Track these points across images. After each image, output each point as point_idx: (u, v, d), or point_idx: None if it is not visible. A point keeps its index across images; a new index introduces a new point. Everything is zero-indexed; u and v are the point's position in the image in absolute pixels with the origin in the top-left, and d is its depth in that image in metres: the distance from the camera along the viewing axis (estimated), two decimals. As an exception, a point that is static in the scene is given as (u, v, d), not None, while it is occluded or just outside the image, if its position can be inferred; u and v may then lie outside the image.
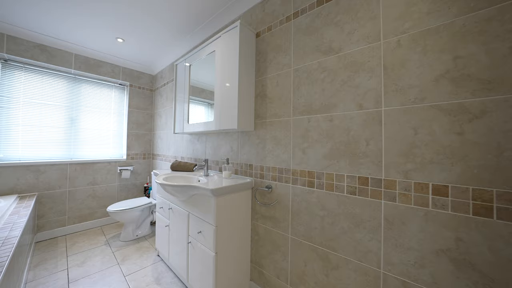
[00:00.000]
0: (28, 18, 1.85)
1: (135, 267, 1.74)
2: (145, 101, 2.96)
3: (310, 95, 1.17)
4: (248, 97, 1.43)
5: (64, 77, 2.33)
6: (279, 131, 1.32)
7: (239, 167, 1.57)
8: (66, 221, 2.31)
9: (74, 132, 2.39)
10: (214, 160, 1.81)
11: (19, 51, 2.04)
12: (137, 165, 2.89)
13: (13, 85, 2.06)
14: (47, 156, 2.22)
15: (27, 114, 2.12)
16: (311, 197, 1.14)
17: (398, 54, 0.88)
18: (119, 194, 2.71)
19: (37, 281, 1.56)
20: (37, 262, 1.80)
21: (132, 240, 2.21)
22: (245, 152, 1.53)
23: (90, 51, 2.40)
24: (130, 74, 2.80)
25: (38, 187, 2.15)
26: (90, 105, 2.51)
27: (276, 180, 1.32)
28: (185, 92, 1.91)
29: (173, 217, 1.60)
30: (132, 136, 2.84)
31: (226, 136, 1.70)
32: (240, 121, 1.34)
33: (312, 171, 1.14)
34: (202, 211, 1.29)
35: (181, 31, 2.02)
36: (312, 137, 1.15)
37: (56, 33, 2.07)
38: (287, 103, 1.28)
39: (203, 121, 1.67)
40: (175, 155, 2.44)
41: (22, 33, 2.03)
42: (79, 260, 1.83)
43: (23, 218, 1.50)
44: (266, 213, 1.37)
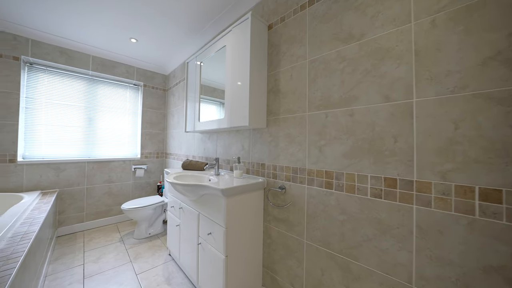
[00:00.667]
0: (49, 22, 1.92)
1: (147, 265, 1.74)
2: (158, 100, 3.00)
3: (327, 88, 1.07)
4: (260, 93, 1.35)
5: (82, 78, 2.41)
6: (293, 128, 1.23)
7: (251, 166, 1.50)
8: (84, 217, 2.39)
9: (92, 131, 2.47)
10: (225, 159, 1.76)
11: (41, 54, 2.13)
12: (151, 164, 2.93)
13: (37, 87, 2.16)
14: (67, 155, 2.31)
15: (48, 114, 2.21)
16: (329, 199, 1.04)
17: (433, 37, 0.76)
18: (133, 192, 2.77)
19: (56, 275, 1.60)
20: (57, 256, 1.86)
21: (145, 238, 2.23)
22: (257, 151, 1.46)
23: (106, 53, 2.46)
24: (144, 74, 2.84)
25: (59, 184, 2.24)
26: (106, 105, 2.58)
27: (290, 180, 1.23)
28: (196, 91, 1.88)
29: (183, 217, 1.57)
30: (146, 135, 2.88)
31: (237, 134, 1.64)
32: (251, 118, 1.28)
33: (330, 171, 1.04)
34: (213, 211, 1.24)
35: (192, 29, 2.00)
36: (330, 133, 1.05)
37: (74, 36, 2.14)
38: (302, 98, 1.19)
39: (214, 119, 1.63)
40: (186, 154, 2.43)
41: (44, 37, 2.12)
42: (94, 256, 1.86)
43: (42, 214, 1.54)
44: (279, 215, 1.29)
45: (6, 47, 1.98)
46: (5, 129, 1.97)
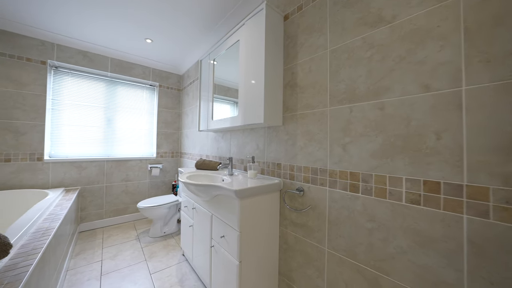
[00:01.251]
0: (73, 27, 2.00)
1: (161, 265, 1.73)
2: (173, 100, 3.03)
3: (352, 79, 0.96)
4: (276, 88, 1.27)
5: (102, 80, 2.50)
6: (312, 125, 1.13)
7: (266, 166, 1.42)
8: (103, 214, 2.47)
9: (110, 131, 2.55)
10: (239, 158, 1.70)
11: (65, 58, 2.24)
12: (166, 163, 2.97)
13: (61, 89, 2.27)
14: (87, 154, 2.40)
15: (71, 115, 2.32)
16: (355, 204, 0.93)
17: (490, 9, 0.62)
18: (149, 191, 2.82)
19: (76, 270, 1.65)
20: (78, 251, 1.93)
21: (160, 236, 2.24)
22: (273, 150, 1.37)
23: (123, 54, 2.52)
24: (159, 74, 2.89)
25: (80, 182, 2.33)
26: (124, 105, 2.65)
27: (309, 182, 1.13)
28: (209, 90, 1.84)
29: (196, 217, 1.53)
30: (161, 135, 2.92)
31: (252, 132, 1.57)
32: (266, 115, 1.19)
33: (355, 172, 0.93)
34: (226, 213, 1.18)
35: (206, 26, 1.96)
36: (356, 130, 0.93)
37: (94, 39, 2.22)
38: (322, 91, 1.08)
39: (227, 116, 1.57)
40: (200, 154, 2.41)
41: (68, 41, 2.22)
42: (112, 253, 1.90)
43: (63, 211, 1.59)
44: (297, 220, 1.19)
45: (34, 52, 2.09)
46: (34, 129, 2.09)
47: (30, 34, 2.06)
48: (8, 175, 1.99)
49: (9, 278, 0.83)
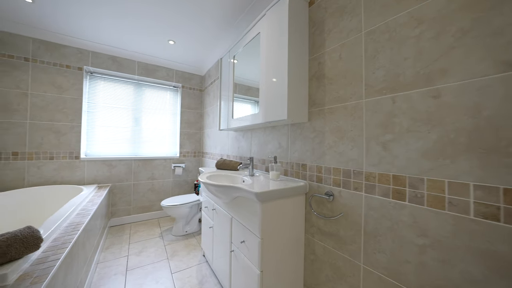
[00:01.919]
0: (105, 34, 2.13)
1: (182, 265, 1.72)
2: (195, 101, 3.08)
3: (395, 64, 0.80)
4: (300, 81, 1.15)
5: (130, 83, 2.63)
6: (343, 120, 0.98)
7: (289, 167, 1.31)
8: (131, 211, 2.59)
9: (137, 131, 2.67)
10: (260, 158, 1.61)
11: (98, 64, 2.40)
12: (188, 163, 3.02)
13: (95, 92, 2.44)
14: (117, 153, 2.55)
15: (103, 116, 2.48)
16: (400, 214, 0.77)
17: None
18: (173, 190, 2.89)
19: (105, 264, 1.73)
20: (108, 245, 2.03)
21: (181, 235, 2.27)
22: (297, 149, 1.25)
23: (148, 57, 2.63)
24: (182, 76, 2.95)
25: (111, 179, 2.48)
26: (149, 106, 2.76)
27: (340, 185, 0.99)
28: (229, 88, 1.78)
29: (216, 219, 1.48)
30: (184, 135, 2.98)
31: (274, 130, 1.47)
32: (290, 110, 1.08)
33: (400, 175, 0.77)
34: (246, 217, 1.10)
35: (226, 22, 1.92)
36: (401, 124, 0.77)
37: (123, 44, 2.34)
38: (355, 81, 0.94)
39: (248, 114, 1.49)
40: (221, 153, 2.39)
41: (100, 48, 2.37)
42: (137, 249, 1.96)
43: (94, 207, 1.68)
44: (326, 228, 1.06)
45: (73, 60, 2.28)
46: (73, 130, 2.28)
47: (70, 43, 2.24)
48: (52, 172, 2.19)
49: (39, 271, 0.85)
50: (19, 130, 2.06)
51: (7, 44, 2.03)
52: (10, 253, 0.84)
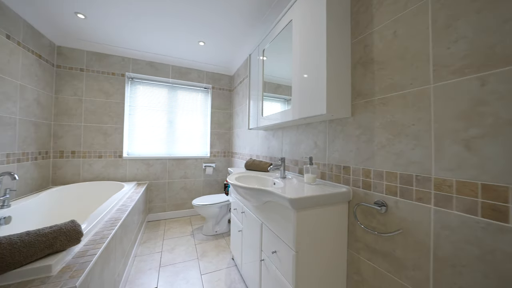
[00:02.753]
0: (144, 42, 2.28)
1: (211, 266, 1.69)
2: (225, 101, 3.09)
3: (484, 30, 0.58)
4: (341, 69, 0.98)
5: (165, 86, 2.77)
6: (401, 112, 0.79)
7: (328, 169, 1.14)
8: (166, 208, 2.72)
9: (171, 132, 2.80)
10: (293, 159, 1.47)
11: (137, 69, 2.59)
12: (219, 163, 3.04)
13: (135, 96, 2.64)
14: (154, 152, 2.70)
15: (142, 118, 2.66)
16: (497, 240, 0.55)
17: None
18: (204, 189, 2.94)
19: (141, 258, 1.81)
20: (145, 239, 2.15)
21: (211, 235, 2.27)
22: (337, 149, 1.08)
23: (181, 61, 2.72)
24: (212, 77, 2.99)
25: (148, 177, 2.64)
26: (182, 108, 2.86)
27: (396, 194, 0.79)
28: (259, 85, 1.69)
29: (246, 223, 1.40)
30: (214, 135, 3.02)
31: (308, 128, 1.31)
32: (330, 103, 0.92)
33: (497, 185, 0.55)
34: (278, 224, 0.98)
35: (254, 17, 1.84)
36: (495, 114, 0.56)
37: (158, 49, 2.46)
38: (419, 62, 0.73)
39: (279, 111, 1.37)
40: (250, 153, 2.31)
41: (139, 55, 2.55)
42: (170, 246, 2.02)
43: (131, 203, 1.77)
44: (376, 245, 0.87)
45: (117, 67, 2.50)
46: (117, 131, 2.49)
47: (115, 53, 2.46)
48: (100, 169, 2.43)
49: (78, 265, 0.89)
50: (76, 132, 2.34)
51: (68, 58, 2.32)
52: (55, 245, 0.90)
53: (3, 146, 1.65)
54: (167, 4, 1.69)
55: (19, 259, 0.80)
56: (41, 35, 2.03)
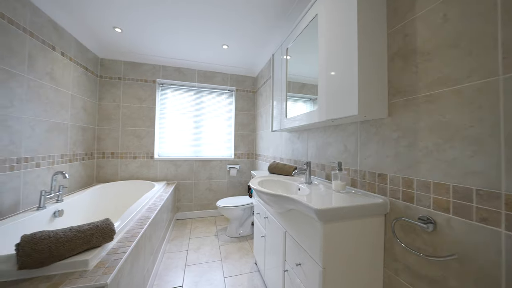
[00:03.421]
0: (173, 50, 2.41)
1: (234, 270, 1.68)
2: (248, 103, 3.09)
3: None
4: (375, 63, 0.86)
5: (191, 90, 2.89)
6: (454, 112, 0.65)
7: (359, 176, 1.02)
8: (192, 207, 2.83)
9: (197, 134, 2.90)
10: (319, 163, 1.37)
11: (166, 75, 2.74)
12: (242, 164, 3.05)
13: (165, 101, 2.80)
14: (181, 154, 2.83)
15: (171, 121, 2.81)
16: None
17: None
18: (228, 190, 2.98)
19: (169, 255, 1.90)
20: (173, 237, 2.25)
21: (235, 237, 2.27)
22: (370, 154, 0.96)
23: (206, 65, 2.81)
24: (236, 79, 3.02)
25: (177, 177, 2.77)
26: (207, 110, 2.95)
27: (448, 210, 0.66)
28: (282, 84, 1.62)
29: (268, 229, 1.35)
30: (238, 137, 3.04)
31: (336, 130, 1.21)
32: (363, 103, 0.82)
33: None
34: (303, 235, 0.91)
35: (277, 16, 1.78)
36: None
37: (185, 55, 2.57)
38: (479, 49, 0.59)
39: (304, 112, 1.29)
40: (274, 156, 2.26)
41: (167, 62, 2.70)
42: (195, 245, 2.08)
43: (160, 202, 1.87)
44: (421, 268, 0.74)
45: (149, 75, 2.68)
46: (149, 134, 2.68)
47: (147, 61, 2.65)
48: (135, 169, 2.64)
49: (110, 262, 0.95)
50: (115, 135, 2.58)
51: (109, 68, 2.57)
52: (92, 241, 0.97)
53: (59, 148, 1.89)
54: (193, 10, 1.74)
55: (63, 252, 0.89)
56: (87, 49, 2.29)
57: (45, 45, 1.71)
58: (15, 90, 1.46)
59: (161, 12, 1.77)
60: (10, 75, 1.42)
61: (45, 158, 1.73)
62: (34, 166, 1.62)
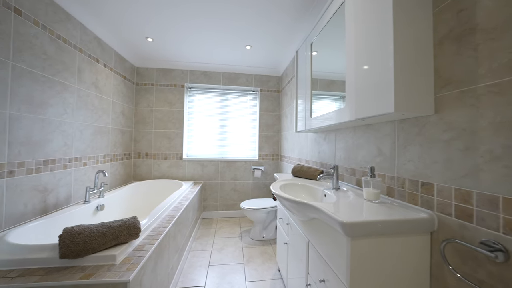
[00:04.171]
0: (200, 54, 2.50)
1: (256, 274, 1.64)
2: (273, 103, 3.02)
3: None
4: (417, 50, 0.72)
5: (217, 92, 2.95)
6: (537, 105, 0.49)
7: (397, 184, 0.87)
8: (218, 207, 2.88)
9: (223, 135, 2.95)
10: (348, 167, 1.23)
11: (194, 79, 2.86)
12: (267, 166, 2.99)
13: (193, 104, 2.93)
14: (208, 154, 2.92)
15: (198, 123, 2.92)
16: None
17: None
18: (252, 192, 2.96)
19: (194, 253, 1.95)
20: (199, 235, 2.32)
21: (259, 240, 2.22)
22: (411, 158, 0.81)
23: (230, 67, 2.84)
24: (260, 80, 2.98)
25: (203, 177, 2.86)
26: (232, 112, 2.98)
27: (527, 236, 0.50)
28: (306, 84, 1.52)
29: (291, 236, 1.27)
30: (262, 138, 2.99)
31: (368, 130, 1.06)
32: (400, 99, 0.69)
33: None
34: (327, 248, 0.81)
35: (300, 12, 1.69)
36: None
37: (210, 59, 2.64)
38: None
39: (330, 111, 1.17)
40: (299, 158, 2.14)
41: (194, 66, 2.81)
42: (219, 245, 2.10)
43: (186, 202, 1.94)
44: (483, 306, 0.58)
45: (178, 79, 2.84)
46: (178, 136, 2.83)
47: (176, 67, 2.81)
48: (166, 169, 2.81)
49: (135, 259, 0.99)
50: (149, 137, 2.79)
51: (143, 76, 2.80)
52: (120, 238, 1.04)
53: (102, 149, 2.11)
54: (215, 10, 1.75)
55: (95, 246, 0.96)
56: (125, 60, 2.52)
57: (91, 59, 1.93)
58: (68, 99, 1.68)
59: (186, 15, 1.81)
60: (64, 86, 1.63)
61: (91, 158, 1.95)
62: (82, 165, 1.84)
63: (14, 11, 1.27)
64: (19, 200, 1.31)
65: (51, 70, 1.52)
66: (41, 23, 1.43)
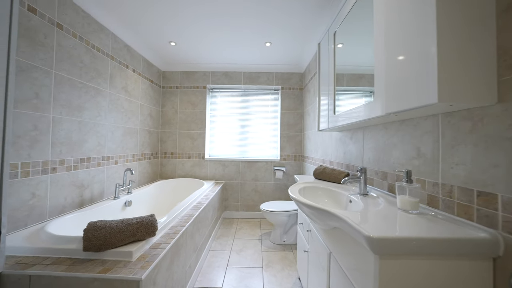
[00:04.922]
0: (221, 56, 2.53)
1: (275, 281, 1.56)
2: (295, 101, 2.90)
3: None
4: (470, 25, 0.57)
5: (238, 93, 2.95)
6: None
7: (443, 192, 0.71)
8: (238, 207, 2.87)
9: (244, 135, 2.93)
10: (379, 170, 1.08)
11: (215, 80, 2.90)
12: (289, 167, 2.88)
13: (214, 105, 2.97)
14: (229, 155, 2.93)
15: (219, 124, 2.95)
16: None
17: None
18: (273, 193, 2.87)
19: (213, 252, 1.96)
20: (219, 235, 2.33)
21: (279, 244, 2.13)
22: (462, 161, 0.65)
23: (250, 66, 2.81)
24: (281, 77, 2.89)
25: (224, 177, 2.88)
26: (253, 111, 2.94)
27: None
28: (329, 78, 1.38)
29: (312, 244, 1.16)
30: (284, 138, 2.89)
31: (403, 127, 0.90)
32: (446, 85, 0.55)
33: None
34: (351, 264, 0.70)
35: (320, 5, 1.56)
36: None
37: (231, 59, 2.65)
38: None
39: (355, 106, 1.04)
40: (322, 158, 2.00)
41: (216, 67, 2.85)
42: (239, 247, 2.07)
43: (206, 201, 1.95)
44: None
45: (200, 81, 2.91)
46: (200, 136, 2.90)
47: (198, 69, 2.89)
48: (189, 168, 2.91)
49: (150, 257, 1.00)
50: (173, 138, 2.92)
51: (169, 79, 2.94)
52: (137, 235, 1.06)
53: (131, 149, 2.26)
54: (234, 10, 1.73)
55: (114, 241, 1.00)
56: (152, 65, 2.68)
57: (121, 65, 2.08)
58: (101, 103, 1.83)
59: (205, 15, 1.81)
60: (98, 91, 1.78)
61: (121, 157, 2.10)
62: (113, 164, 1.99)
63: (56, 26, 1.42)
64: (60, 194, 1.46)
65: (87, 77, 1.67)
66: (78, 35, 1.58)
